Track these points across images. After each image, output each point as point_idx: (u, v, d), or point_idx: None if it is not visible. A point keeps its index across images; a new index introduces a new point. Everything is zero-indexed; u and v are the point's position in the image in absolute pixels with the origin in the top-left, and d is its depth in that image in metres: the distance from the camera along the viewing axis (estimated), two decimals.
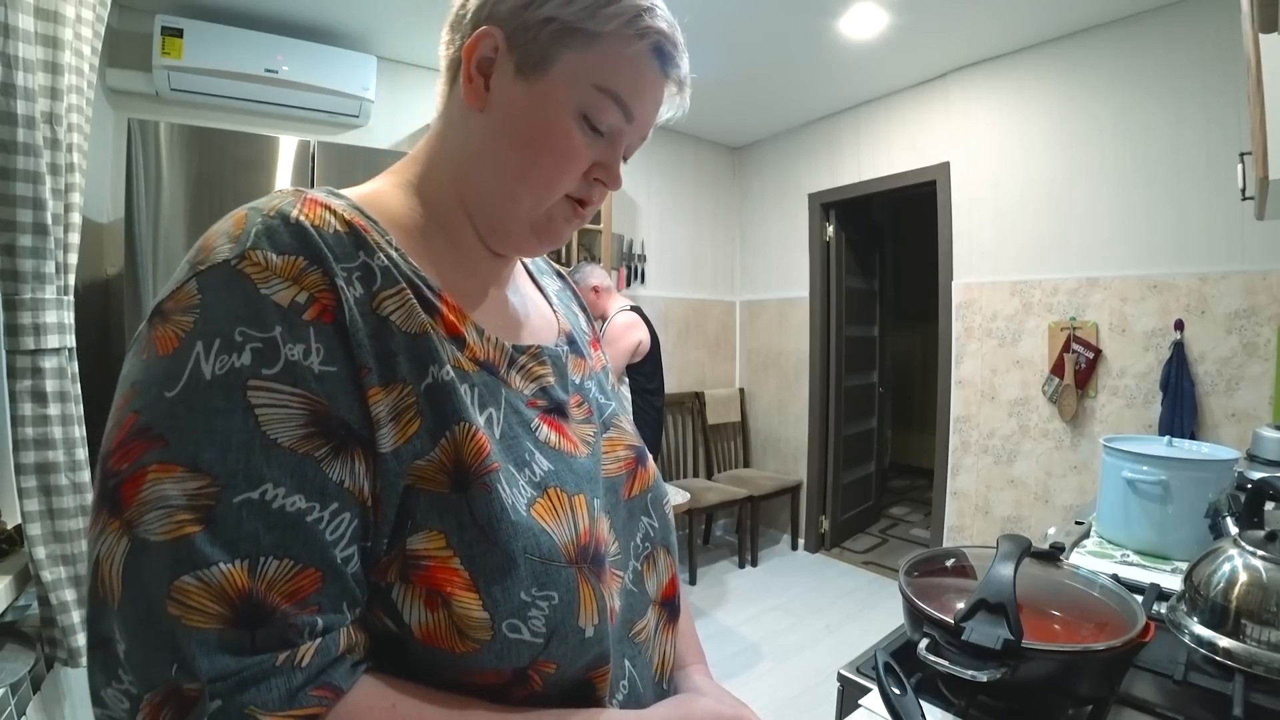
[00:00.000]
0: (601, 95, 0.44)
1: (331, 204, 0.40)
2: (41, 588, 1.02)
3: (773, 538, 3.77)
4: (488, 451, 0.38)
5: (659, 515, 0.55)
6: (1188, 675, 0.67)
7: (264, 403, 0.32)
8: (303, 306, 0.34)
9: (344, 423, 0.34)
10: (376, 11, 2.29)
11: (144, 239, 1.58)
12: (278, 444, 0.32)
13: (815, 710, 2.11)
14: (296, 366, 0.33)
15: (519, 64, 0.44)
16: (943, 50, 2.68)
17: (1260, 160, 1.04)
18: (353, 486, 0.34)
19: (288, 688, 0.30)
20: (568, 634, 0.39)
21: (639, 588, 0.50)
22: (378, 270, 0.39)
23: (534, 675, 0.38)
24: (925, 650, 0.63)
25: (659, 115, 0.51)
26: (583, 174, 0.47)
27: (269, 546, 0.31)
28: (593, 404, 0.54)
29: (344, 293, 0.36)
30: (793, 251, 3.69)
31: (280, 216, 0.36)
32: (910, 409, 5.35)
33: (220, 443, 0.31)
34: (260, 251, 0.34)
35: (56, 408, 1.04)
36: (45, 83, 1.01)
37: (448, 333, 0.42)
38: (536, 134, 0.44)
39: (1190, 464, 1.11)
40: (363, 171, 1.87)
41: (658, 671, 0.51)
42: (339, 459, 0.34)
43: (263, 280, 0.34)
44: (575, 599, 0.40)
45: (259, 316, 0.33)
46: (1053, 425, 2.54)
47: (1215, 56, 2.08)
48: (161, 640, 0.29)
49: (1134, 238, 2.31)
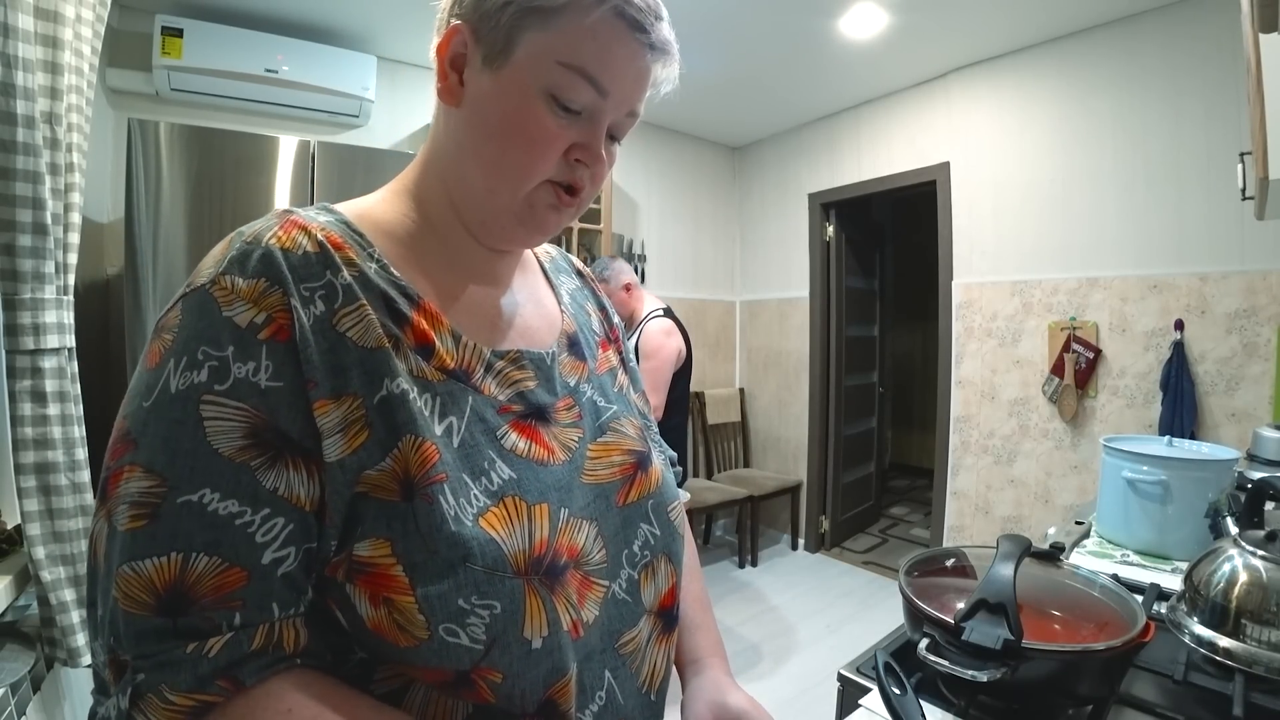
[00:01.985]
0: (567, 72, 0.43)
1: (310, 224, 0.42)
2: (41, 588, 1.02)
3: (773, 538, 3.77)
4: (433, 463, 0.39)
5: (661, 522, 0.53)
6: (1188, 675, 0.67)
7: (211, 415, 0.36)
8: (260, 326, 0.37)
9: (284, 434, 0.37)
10: (376, 11, 2.29)
11: (144, 239, 1.58)
12: (218, 453, 0.35)
13: (815, 710, 2.11)
14: (243, 383, 0.36)
15: (485, 55, 0.44)
16: (943, 50, 2.68)
17: (1260, 160, 1.04)
18: (288, 493, 0.37)
19: (195, 674, 0.33)
20: (510, 644, 0.39)
21: (633, 597, 0.49)
22: (340, 288, 0.41)
23: (479, 682, 0.39)
24: (925, 650, 0.63)
25: (647, 85, 0.47)
26: (561, 156, 0.45)
27: (201, 545, 0.35)
28: (585, 407, 0.53)
29: (298, 313, 0.38)
30: (793, 251, 3.69)
31: (254, 242, 0.40)
32: (910, 409, 5.36)
33: (172, 449, 0.35)
34: (229, 277, 0.38)
35: (56, 408, 1.04)
36: (45, 83, 1.01)
37: (417, 342, 0.43)
38: (505, 122, 0.44)
39: (1190, 464, 1.11)
40: (362, 171, 1.90)
41: (646, 682, 0.50)
42: (274, 468, 0.37)
43: (227, 303, 0.38)
44: (520, 610, 0.39)
45: (218, 337, 0.37)
46: (1053, 425, 2.54)
47: (1215, 56, 2.08)
48: (112, 614, 0.34)
49: (1134, 237, 2.31)
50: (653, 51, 0.45)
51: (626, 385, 0.62)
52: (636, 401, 0.64)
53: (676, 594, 0.54)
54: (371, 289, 0.42)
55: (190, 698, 0.33)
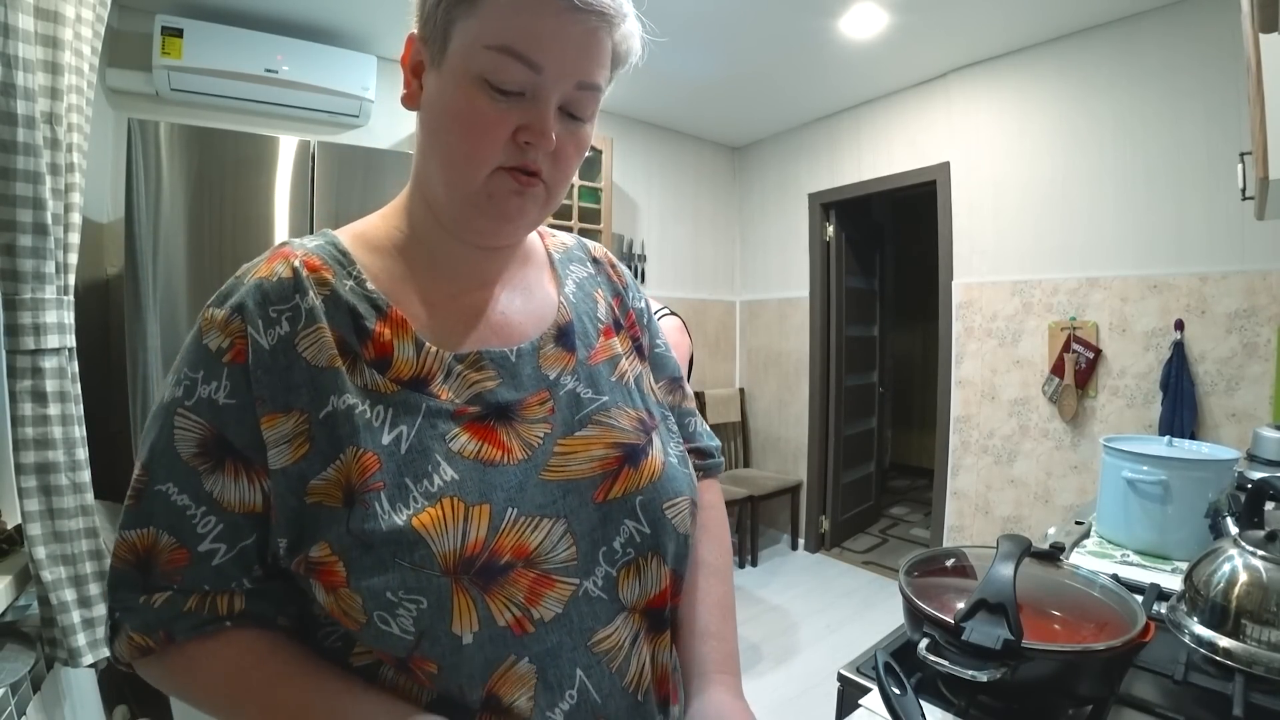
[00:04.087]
0: (493, 54, 0.43)
1: (294, 254, 0.47)
2: (41, 588, 1.02)
3: (773, 538, 3.77)
4: (372, 472, 0.43)
5: (651, 519, 0.51)
6: (1188, 675, 0.67)
7: (179, 425, 0.44)
8: (224, 350, 0.44)
9: (229, 444, 0.43)
10: (376, 11, 2.29)
11: (144, 239, 1.58)
12: (180, 457, 0.43)
13: (815, 710, 2.11)
14: (204, 401, 0.44)
15: (430, 56, 0.46)
16: (943, 50, 2.68)
17: (1260, 160, 1.04)
18: (220, 497, 0.43)
19: (143, 619, 0.44)
20: (440, 637, 0.41)
21: (609, 594, 0.48)
22: (304, 311, 0.45)
23: (417, 670, 0.42)
24: (925, 650, 0.63)
25: (595, 54, 0.45)
26: (508, 139, 0.44)
27: (164, 525, 0.44)
28: (562, 400, 0.51)
29: (254, 339, 0.44)
30: (793, 251, 3.69)
31: (239, 278, 0.47)
32: (910, 409, 5.36)
33: (155, 449, 0.44)
34: (211, 309, 0.45)
35: (56, 408, 1.04)
36: (45, 83, 1.01)
37: (377, 355, 0.46)
38: (446, 114, 0.45)
39: (1190, 464, 1.11)
40: (362, 171, 1.90)
41: (633, 683, 0.48)
42: (214, 475, 0.43)
43: (206, 332, 0.45)
44: (447, 606, 0.41)
45: (196, 360, 0.44)
46: (1053, 425, 2.54)
47: (1215, 56, 2.08)
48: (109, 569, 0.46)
49: (1134, 238, 2.31)
50: (584, 15, 0.43)
51: (631, 374, 0.59)
52: (652, 391, 0.61)
53: (668, 595, 0.52)
54: (339, 306, 0.47)
55: (139, 637, 0.43)
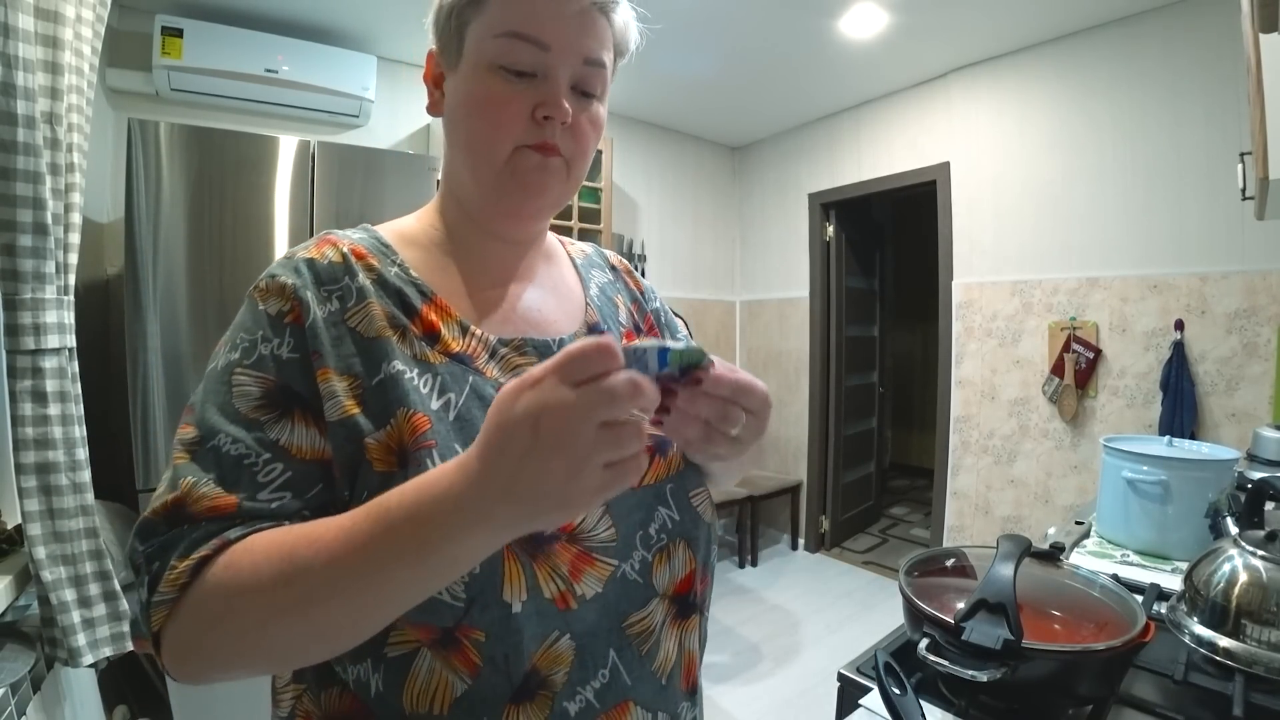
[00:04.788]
0: (503, 40, 0.46)
1: (340, 241, 0.50)
2: (41, 588, 1.02)
3: (773, 538, 3.77)
4: (424, 430, 0.43)
5: (681, 507, 0.53)
6: (1188, 675, 0.67)
7: (238, 384, 0.44)
8: (285, 313, 0.46)
9: (296, 394, 0.44)
10: (376, 11, 2.29)
11: (144, 239, 1.58)
12: (238, 412, 0.43)
13: (815, 710, 2.11)
14: (266, 357, 0.45)
15: (448, 63, 0.50)
16: (943, 50, 2.68)
17: (1260, 160, 1.04)
18: (290, 444, 0.43)
19: (190, 540, 0.39)
20: (490, 604, 0.41)
21: (645, 579, 0.50)
22: (354, 290, 0.48)
23: (463, 640, 0.42)
24: (925, 650, 0.63)
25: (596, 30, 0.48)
26: (527, 118, 0.47)
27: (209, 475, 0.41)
28: None
29: (310, 305, 0.46)
30: (793, 251, 3.69)
31: (290, 255, 0.49)
32: (910, 409, 5.36)
33: (207, 409, 0.44)
34: (266, 280, 0.47)
35: (56, 408, 1.05)
36: (45, 83, 1.01)
37: (424, 331, 0.49)
38: (465, 103, 0.49)
39: (1190, 464, 1.11)
40: (362, 171, 1.90)
41: (661, 668, 0.50)
42: (283, 422, 0.44)
43: (263, 299, 0.47)
44: (498, 572, 0.42)
45: (253, 324, 0.46)
46: (1053, 425, 2.54)
47: (1215, 57, 2.08)
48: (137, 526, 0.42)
49: (1134, 238, 2.31)
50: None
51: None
52: None
53: (694, 581, 0.54)
54: (387, 287, 0.49)
55: (188, 558, 0.39)
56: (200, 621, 0.38)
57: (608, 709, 0.46)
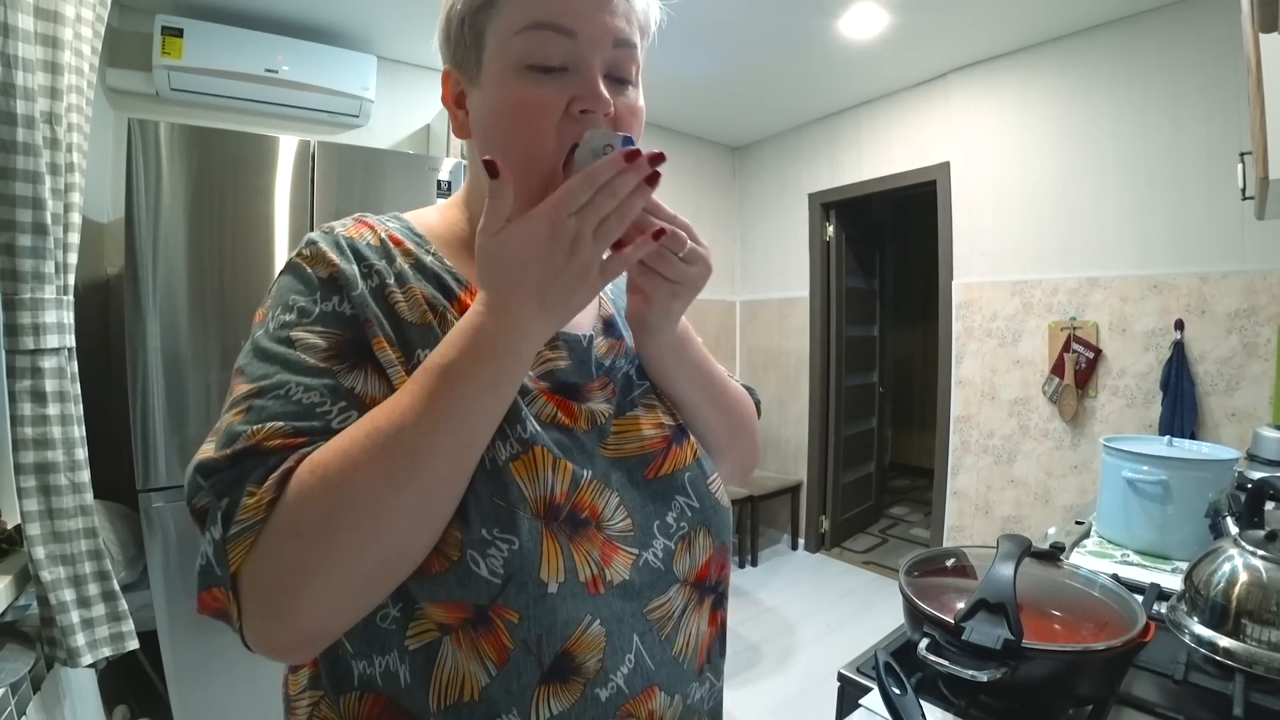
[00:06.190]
0: (526, 34, 0.43)
1: (377, 225, 0.50)
2: (41, 588, 1.03)
3: (773, 537, 3.77)
4: None
5: (700, 494, 0.53)
6: (1188, 675, 0.67)
7: (300, 341, 0.43)
8: (335, 279, 0.45)
9: (368, 349, 0.44)
10: (376, 11, 2.29)
11: (144, 239, 1.58)
12: (306, 362, 0.42)
13: (815, 710, 2.11)
14: (328, 314, 0.44)
15: (467, 79, 0.48)
16: (943, 50, 2.68)
17: (1260, 160, 1.04)
18: (365, 393, 0.43)
19: (265, 465, 0.38)
20: (527, 583, 0.41)
21: (666, 566, 0.50)
22: (393, 273, 0.47)
23: (496, 619, 0.41)
24: (925, 650, 0.63)
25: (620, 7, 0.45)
26: (564, 116, 0.44)
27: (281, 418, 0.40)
28: (619, 382, 0.55)
29: (356, 278, 0.45)
30: (792, 251, 3.69)
31: (329, 229, 0.49)
32: (910, 409, 5.35)
33: (269, 362, 0.42)
34: (311, 247, 0.47)
35: (56, 408, 1.05)
36: (45, 82, 1.01)
37: (461, 314, 0.47)
38: (495, 114, 0.45)
39: (1190, 464, 1.11)
40: (362, 171, 1.90)
41: (682, 653, 0.50)
42: (354, 372, 0.43)
43: (311, 264, 0.46)
44: (537, 550, 0.42)
45: (305, 288, 0.45)
46: (1053, 425, 2.54)
47: (1215, 56, 2.08)
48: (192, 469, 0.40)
49: (1134, 238, 2.31)
50: None
51: None
52: None
53: (713, 566, 0.54)
54: (425, 271, 0.49)
55: (266, 480, 0.37)
56: (299, 533, 0.36)
57: (635, 695, 0.46)
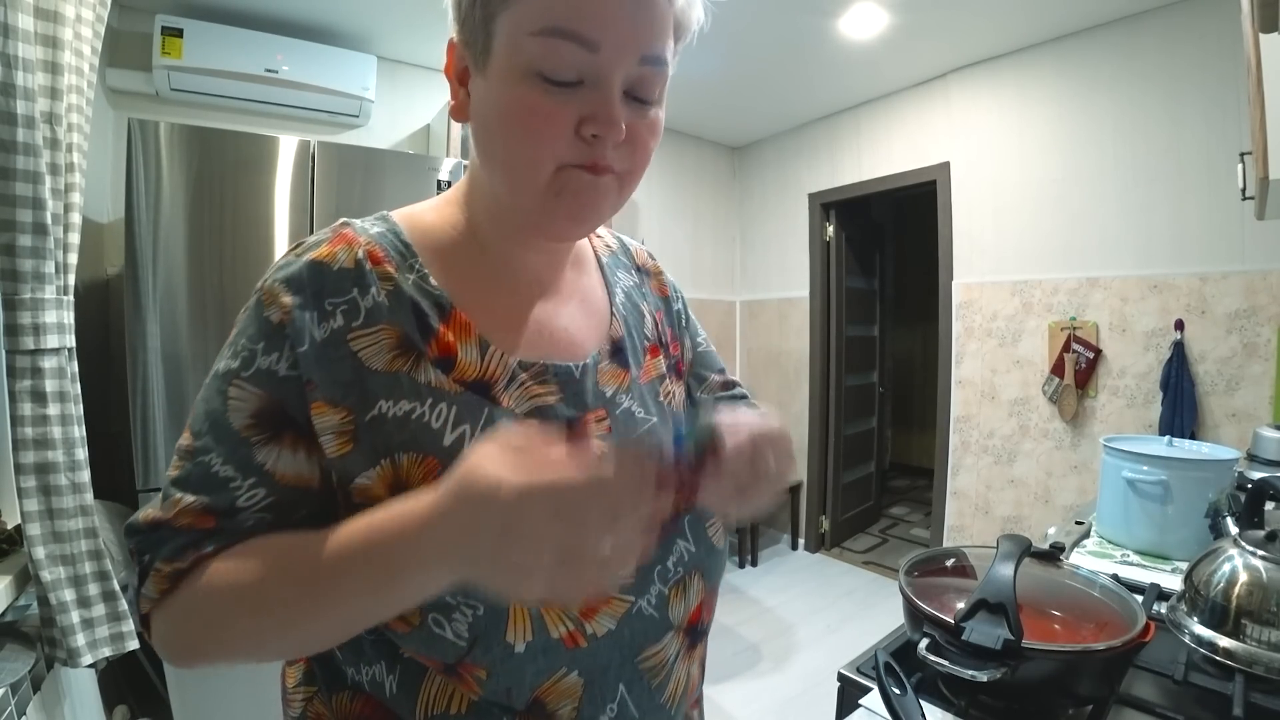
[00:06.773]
0: (542, 39, 0.38)
1: (357, 239, 0.45)
2: (41, 588, 1.02)
3: (773, 537, 3.77)
4: (434, 475, 0.41)
5: (698, 538, 0.51)
6: (1188, 675, 0.67)
7: (233, 395, 0.41)
8: (285, 326, 0.42)
9: (291, 418, 0.41)
10: (376, 11, 2.29)
11: (144, 239, 1.58)
12: (231, 427, 0.41)
13: (815, 710, 2.11)
14: (264, 372, 0.41)
15: (474, 59, 0.43)
16: (943, 50, 2.68)
17: (1260, 160, 1.04)
18: (274, 470, 0.41)
19: (173, 545, 0.40)
20: (492, 645, 0.40)
21: (661, 613, 0.48)
22: (364, 309, 0.43)
23: (466, 675, 0.41)
24: (925, 650, 0.63)
25: (654, 21, 0.41)
26: (571, 135, 0.40)
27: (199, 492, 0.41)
28: (619, 419, 0.50)
29: (306, 331, 0.41)
30: (792, 251, 3.69)
31: (300, 251, 0.44)
32: (910, 409, 5.35)
33: (206, 417, 0.42)
34: (274, 281, 0.43)
35: (56, 408, 1.05)
36: (45, 83, 1.01)
37: (440, 354, 0.44)
38: (500, 117, 0.41)
39: (1190, 464, 1.11)
40: (362, 171, 1.90)
41: (671, 698, 0.49)
42: (271, 445, 0.41)
43: (269, 305, 0.42)
44: (503, 615, 0.40)
45: (257, 332, 0.42)
46: (1053, 425, 2.54)
47: (1215, 56, 2.08)
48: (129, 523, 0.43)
49: (1134, 238, 2.31)
50: None
51: (675, 396, 0.58)
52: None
53: (705, 611, 0.53)
54: (402, 302, 0.44)
55: (171, 564, 0.40)
56: (181, 620, 0.41)
57: None
